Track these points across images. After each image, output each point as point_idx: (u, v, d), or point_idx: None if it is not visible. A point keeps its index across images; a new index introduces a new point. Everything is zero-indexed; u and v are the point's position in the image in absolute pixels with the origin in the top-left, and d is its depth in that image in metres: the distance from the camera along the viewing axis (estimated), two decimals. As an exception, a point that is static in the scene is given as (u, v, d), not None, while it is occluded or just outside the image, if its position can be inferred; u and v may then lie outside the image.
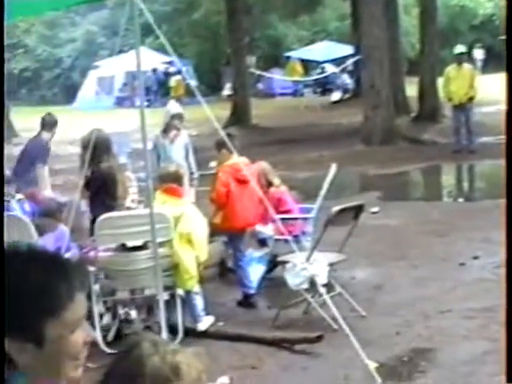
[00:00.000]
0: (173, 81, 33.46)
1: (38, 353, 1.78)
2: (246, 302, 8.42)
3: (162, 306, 6.10)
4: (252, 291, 8.48)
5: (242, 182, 8.19)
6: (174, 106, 10.91)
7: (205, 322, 7.63)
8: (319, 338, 7.06)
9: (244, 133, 22.45)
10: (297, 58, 41.33)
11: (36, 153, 11.51)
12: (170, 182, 7.80)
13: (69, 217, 8.04)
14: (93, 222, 7.98)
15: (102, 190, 8.21)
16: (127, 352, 1.87)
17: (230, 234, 8.67)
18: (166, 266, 7.30)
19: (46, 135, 11.59)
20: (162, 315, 6.11)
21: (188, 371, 1.87)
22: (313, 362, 6.86)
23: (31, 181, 10.82)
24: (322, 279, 7.25)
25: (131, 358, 1.86)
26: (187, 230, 7.45)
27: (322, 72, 37.43)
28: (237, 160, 8.15)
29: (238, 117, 26.28)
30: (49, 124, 11.80)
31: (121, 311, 7.80)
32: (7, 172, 9.90)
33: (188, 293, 7.57)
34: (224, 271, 9.50)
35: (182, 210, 7.58)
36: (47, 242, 8.22)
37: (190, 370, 1.87)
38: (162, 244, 7.22)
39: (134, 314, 7.84)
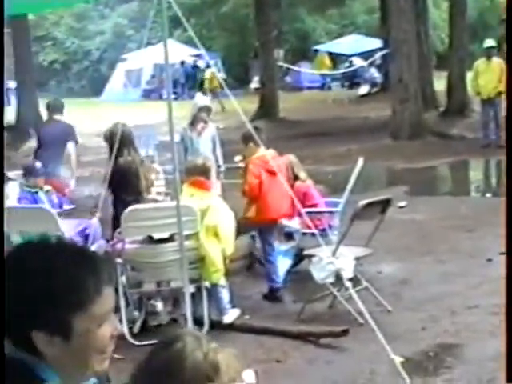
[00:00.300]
0: (208, 73, 33.46)
1: (66, 346, 1.79)
2: (272, 295, 8.43)
3: (188, 298, 6.11)
4: (278, 285, 8.49)
5: (273, 173, 8.15)
6: (201, 99, 10.96)
7: (230, 315, 7.65)
8: (345, 332, 7.05)
9: (271, 126, 22.46)
10: (325, 52, 41.23)
11: (66, 134, 11.64)
12: (197, 174, 7.80)
13: (97, 209, 8.11)
14: (115, 215, 8.02)
15: (121, 185, 8.20)
16: (169, 344, 1.88)
17: (261, 226, 8.60)
18: (193, 259, 7.31)
19: (61, 117, 11.68)
20: (187, 308, 6.12)
21: (227, 371, 1.87)
22: (338, 356, 6.86)
23: (59, 163, 10.96)
24: (347, 273, 7.23)
25: (173, 350, 1.87)
26: (214, 223, 7.46)
27: (350, 65, 37.30)
28: (264, 152, 8.16)
29: (266, 110, 26.26)
30: (59, 107, 11.90)
31: (147, 303, 7.85)
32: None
33: (214, 286, 7.58)
34: (251, 264, 9.51)
35: (209, 202, 7.60)
36: (69, 224, 8.30)
37: (229, 369, 1.87)
38: (188, 236, 7.23)
39: (159, 306, 7.88)
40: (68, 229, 8.30)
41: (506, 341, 3.49)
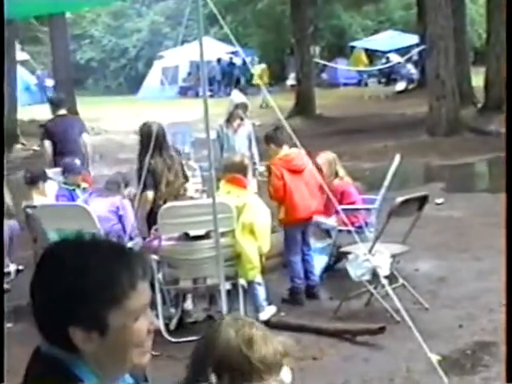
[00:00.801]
0: (258, 68, 33.49)
1: (103, 341, 1.80)
2: (310, 292, 8.39)
3: (223, 295, 6.13)
4: (314, 282, 8.46)
5: (296, 171, 8.11)
6: (237, 96, 10.96)
7: (267, 312, 7.66)
8: (381, 330, 7.03)
9: (308, 123, 22.47)
10: (361, 48, 41.09)
11: (80, 127, 11.81)
12: (234, 172, 7.80)
13: (133, 206, 8.16)
14: (149, 213, 8.05)
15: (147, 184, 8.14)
16: (211, 325, 1.99)
17: (291, 226, 8.41)
18: (228, 256, 7.32)
19: (65, 111, 11.83)
20: (223, 305, 6.14)
21: (262, 346, 1.90)
22: (374, 353, 6.84)
23: (78, 157, 11.12)
24: (384, 271, 7.21)
25: (210, 329, 2.07)
26: (250, 220, 7.46)
27: (387, 62, 37.12)
28: (287, 151, 8.15)
29: (302, 107, 26.23)
30: (62, 102, 12.07)
31: (186, 301, 7.88)
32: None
33: (250, 283, 7.59)
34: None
35: (246, 200, 7.60)
36: (101, 205, 8.35)
37: (267, 346, 1.91)
38: (224, 234, 7.24)
39: (189, 304, 7.95)
40: (100, 207, 8.35)
41: (506, 341, 3.46)
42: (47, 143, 11.42)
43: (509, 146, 3.76)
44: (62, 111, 11.85)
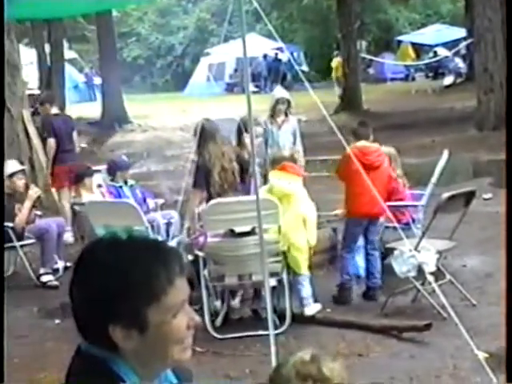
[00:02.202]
0: (334, 62, 33.45)
1: (143, 339, 1.81)
2: (369, 294, 8.32)
3: (268, 292, 6.14)
4: (377, 284, 8.36)
5: (369, 166, 7.83)
6: (279, 91, 10.94)
7: (312, 308, 7.65)
8: (428, 327, 6.99)
9: (354, 118, 22.31)
10: (408, 42, 40.78)
11: (72, 125, 12.02)
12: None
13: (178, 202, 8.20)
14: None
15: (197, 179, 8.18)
16: None
17: (353, 221, 8.34)
18: (274, 252, 7.34)
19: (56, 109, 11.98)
20: (268, 301, 6.15)
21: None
22: (421, 350, 6.80)
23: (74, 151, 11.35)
24: (430, 267, 7.16)
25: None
26: (303, 211, 7.49)
27: (434, 56, 36.79)
28: (365, 144, 8.09)
29: (349, 102, 26.14)
30: (53, 100, 12.23)
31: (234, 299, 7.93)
32: (124, 157, 10.18)
33: (297, 276, 7.60)
34: (334, 258, 9.46)
35: (297, 188, 7.62)
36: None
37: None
38: (269, 230, 7.25)
39: (237, 302, 7.98)
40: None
41: (506, 341, 3.42)
42: (52, 141, 11.56)
43: (509, 145, 3.75)
44: (54, 109, 11.97)
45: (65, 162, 11.45)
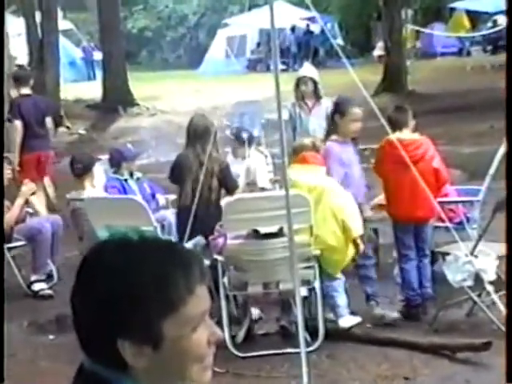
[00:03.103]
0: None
1: (157, 356, 1.81)
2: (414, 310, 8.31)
3: (299, 302, 6.15)
4: (426, 296, 8.32)
5: (407, 162, 7.65)
6: (304, 69, 10.91)
7: (348, 320, 7.65)
8: (486, 346, 6.96)
9: (398, 100, 22.25)
10: (463, 10, 40.59)
11: (45, 108, 12.08)
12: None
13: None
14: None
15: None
16: None
17: (400, 225, 8.29)
18: (305, 257, 7.35)
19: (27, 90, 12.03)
20: (299, 313, 6.16)
21: None
22: (478, 373, 6.79)
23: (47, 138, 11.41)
24: (489, 275, 7.14)
25: None
26: (338, 204, 7.48)
27: (494, 26, 36.59)
28: (404, 136, 8.01)
29: (391, 82, 26.11)
30: (27, 79, 12.28)
31: (253, 308, 7.93)
32: (129, 146, 10.21)
33: (331, 281, 7.61)
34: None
35: (322, 181, 7.60)
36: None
37: None
38: (300, 231, 7.25)
39: (256, 313, 8.00)
40: None
41: (506, 341, 3.45)
42: (18, 124, 11.61)
43: (509, 145, 3.83)
44: (26, 89, 12.03)
45: (33, 150, 11.51)
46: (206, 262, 7.53)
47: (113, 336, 1.79)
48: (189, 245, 7.54)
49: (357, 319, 7.75)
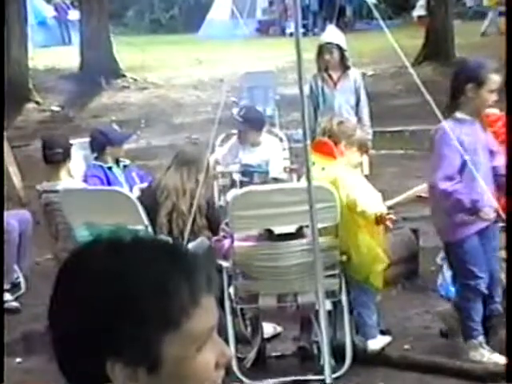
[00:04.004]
0: None
1: (154, 380, 1.81)
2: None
3: (323, 319, 6.15)
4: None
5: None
6: (328, 33, 10.85)
7: (379, 341, 7.66)
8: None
9: (442, 71, 22.23)
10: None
11: None
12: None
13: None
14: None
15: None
16: None
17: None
18: (330, 263, 7.34)
19: None
20: (324, 332, 6.16)
21: None
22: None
23: None
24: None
25: None
26: (353, 198, 7.45)
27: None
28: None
29: (435, 48, 26.00)
30: None
31: (265, 325, 7.94)
32: (114, 126, 10.21)
33: (359, 293, 7.62)
34: (414, 271, 9.44)
35: (335, 173, 7.57)
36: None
37: None
38: (323, 231, 7.25)
39: (271, 328, 8.02)
40: None
41: (506, 341, 3.47)
42: None
43: (509, 146, 3.88)
44: None
45: None
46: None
47: (101, 357, 1.79)
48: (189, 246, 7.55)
49: (387, 339, 7.75)
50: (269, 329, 8.10)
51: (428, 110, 7.40)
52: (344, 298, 7.50)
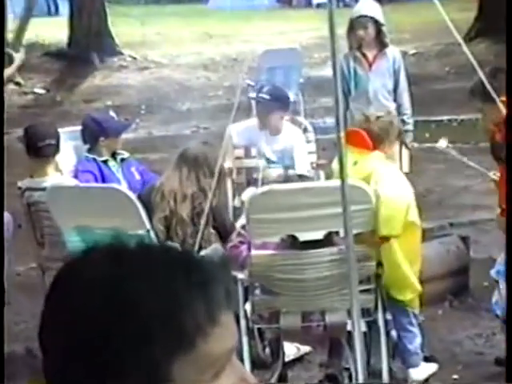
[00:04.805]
0: None
1: None
2: None
3: (358, 342, 6.16)
4: None
5: None
6: (364, 5, 10.80)
7: (423, 370, 7.67)
8: None
9: (499, 49, 22.25)
10: None
11: None
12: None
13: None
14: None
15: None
16: None
17: None
18: (364, 276, 7.36)
19: None
20: (358, 357, 6.17)
21: None
22: None
23: None
24: None
25: None
26: (391, 193, 7.47)
27: None
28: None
29: (488, 22, 26.00)
30: None
31: (287, 346, 7.96)
32: (110, 113, 10.24)
33: (399, 313, 7.63)
34: (464, 287, 9.43)
35: (371, 167, 7.59)
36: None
37: None
38: (357, 238, 7.25)
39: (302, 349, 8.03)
40: None
41: (506, 341, 3.50)
42: None
43: (509, 148, 3.95)
44: None
45: None
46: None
47: (101, 381, 1.78)
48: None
49: (433, 367, 7.77)
50: (291, 349, 8.12)
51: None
52: (380, 316, 7.50)
